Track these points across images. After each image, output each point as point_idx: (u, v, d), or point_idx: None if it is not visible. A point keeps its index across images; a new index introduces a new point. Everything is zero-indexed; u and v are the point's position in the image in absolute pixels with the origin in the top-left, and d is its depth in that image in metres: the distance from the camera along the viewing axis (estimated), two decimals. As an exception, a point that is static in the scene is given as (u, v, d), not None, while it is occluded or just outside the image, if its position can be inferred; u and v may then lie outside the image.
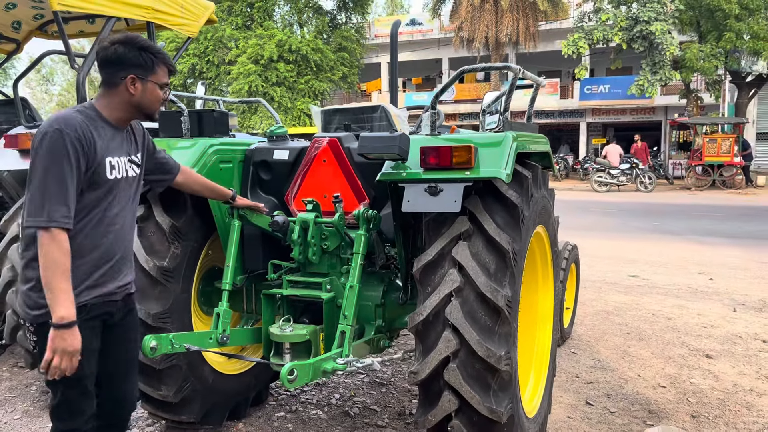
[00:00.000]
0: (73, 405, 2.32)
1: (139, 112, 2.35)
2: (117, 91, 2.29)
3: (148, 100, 2.32)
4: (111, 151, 2.28)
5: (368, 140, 2.71)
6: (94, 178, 2.21)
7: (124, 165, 2.35)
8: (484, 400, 2.56)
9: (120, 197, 2.34)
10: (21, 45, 5.56)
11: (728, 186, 21.97)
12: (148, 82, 2.30)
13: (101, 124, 2.27)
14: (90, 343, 2.29)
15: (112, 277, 2.35)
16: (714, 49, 22.05)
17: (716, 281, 7.70)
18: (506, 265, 2.63)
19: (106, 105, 2.30)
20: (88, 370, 2.30)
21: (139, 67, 2.27)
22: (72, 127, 2.14)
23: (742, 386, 4.35)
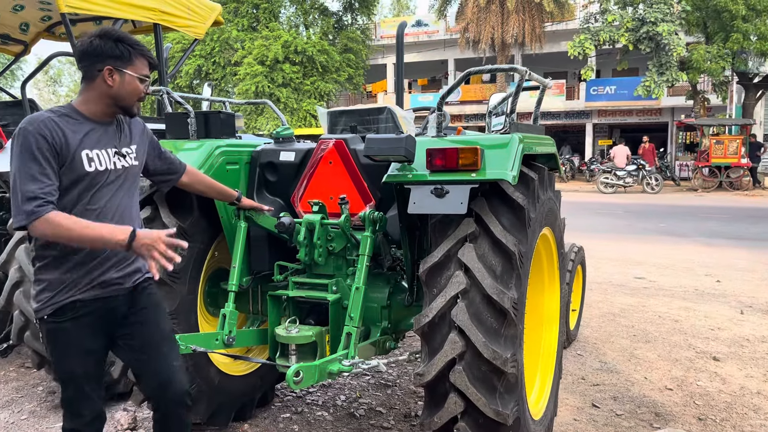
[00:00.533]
0: (71, 405, 2.35)
1: (116, 105, 2.33)
2: (95, 84, 2.28)
3: (126, 92, 2.30)
4: (87, 144, 2.25)
5: (374, 142, 2.71)
6: (70, 171, 2.20)
7: (107, 157, 2.31)
8: (490, 402, 2.55)
9: (106, 189, 2.31)
10: (29, 47, 5.59)
11: (735, 187, 21.88)
12: (126, 74, 2.28)
13: (76, 119, 2.26)
14: (82, 342, 2.29)
15: (106, 269, 2.33)
16: (721, 50, 21.97)
17: (723, 283, 7.67)
18: (512, 267, 2.63)
19: (84, 100, 2.30)
20: (80, 369, 2.31)
21: (115, 58, 2.26)
22: (36, 125, 2.14)
23: (750, 389, 4.33)
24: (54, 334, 2.29)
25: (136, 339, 2.43)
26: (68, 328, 2.26)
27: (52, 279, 2.25)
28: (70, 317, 2.26)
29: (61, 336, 2.28)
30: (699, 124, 23.34)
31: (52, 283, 2.25)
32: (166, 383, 2.43)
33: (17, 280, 3.69)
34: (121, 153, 2.39)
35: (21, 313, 3.69)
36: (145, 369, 2.46)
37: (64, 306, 2.25)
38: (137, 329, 2.43)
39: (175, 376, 2.45)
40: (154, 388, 2.46)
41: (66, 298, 2.25)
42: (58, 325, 2.27)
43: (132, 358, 2.46)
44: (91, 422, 2.38)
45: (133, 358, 2.46)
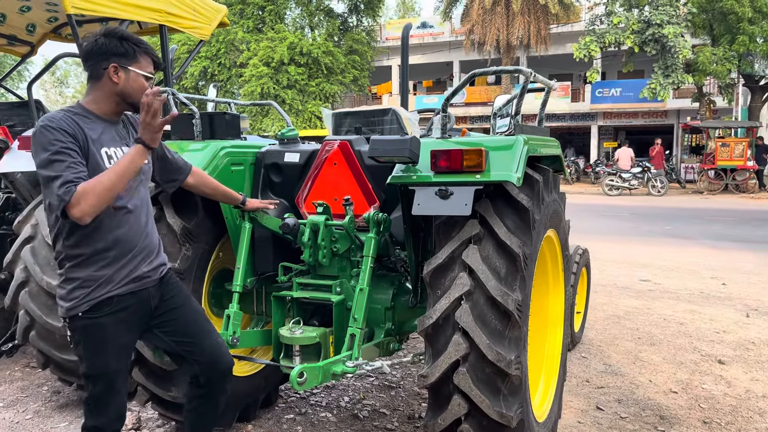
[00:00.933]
0: (99, 401, 2.36)
1: (124, 102, 2.35)
2: (101, 83, 2.31)
3: (132, 88, 2.32)
4: (104, 142, 2.29)
5: (379, 143, 2.71)
6: (92, 170, 2.21)
7: (122, 155, 2.33)
8: (494, 404, 2.55)
9: (130, 185, 2.35)
10: (35, 48, 5.61)
11: (741, 190, 21.81)
12: (131, 71, 2.31)
13: (90, 118, 2.29)
14: (118, 337, 2.33)
15: (137, 263, 2.39)
16: (727, 52, 21.91)
17: (729, 286, 7.64)
18: (517, 269, 2.62)
19: (92, 99, 2.33)
20: (115, 365, 2.34)
21: (120, 55, 2.29)
22: (56, 121, 2.17)
23: (755, 392, 4.31)
24: (89, 330, 2.31)
25: (173, 325, 2.52)
26: (105, 323, 2.29)
27: (86, 276, 2.28)
28: (107, 312, 2.29)
29: (98, 332, 2.31)
30: (705, 126, 23.27)
31: (87, 280, 2.28)
32: (218, 358, 2.58)
33: (23, 280, 3.69)
34: None
35: (26, 312, 3.70)
36: (192, 349, 2.54)
37: (101, 302, 2.29)
38: (172, 315, 2.52)
39: (223, 350, 2.63)
40: (205, 364, 2.56)
41: (103, 294, 2.29)
42: (94, 321, 2.30)
43: (172, 342, 2.52)
44: (115, 420, 2.41)
45: (174, 343, 2.52)
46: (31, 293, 3.68)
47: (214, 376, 2.59)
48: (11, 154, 3.87)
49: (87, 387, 2.37)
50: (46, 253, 3.68)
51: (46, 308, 3.67)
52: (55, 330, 3.67)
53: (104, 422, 2.38)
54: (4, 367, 4.83)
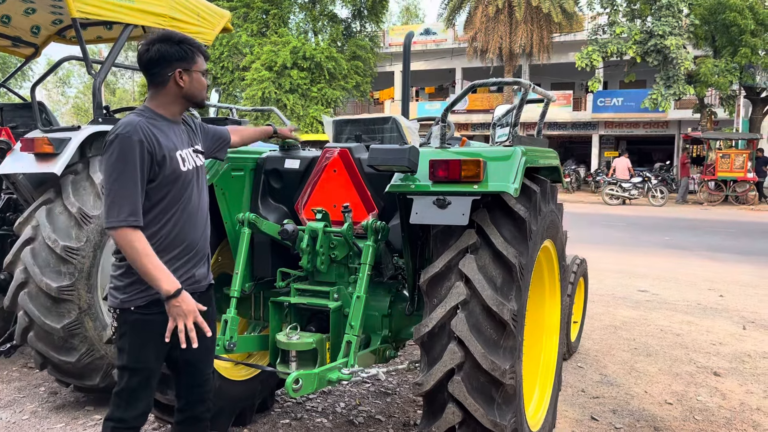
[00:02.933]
0: (130, 395, 2.40)
1: (189, 102, 2.48)
2: (167, 88, 2.41)
3: (196, 88, 2.45)
4: (177, 145, 2.41)
5: (378, 152, 2.74)
6: (169, 173, 2.34)
7: (191, 156, 2.47)
8: (488, 413, 2.57)
9: (195, 186, 2.48)
10: (39, 49, 5.64)
11: (741, 202, 21.83)
12: (193, 72, 2.42)
13: (161, 122, 2.40)
14: (163, 336, 2.34)
15: (195, 264, 2.48)
16: (729, 64, 21.96)
17: (726, 298, 7.66)
18: (513, 278, 2.64)
19: (161, 103, 2.43)
20: (154, 362, 2.41)
21: (182, 60, 2.39)
22: (135, 131, 2.26)
23: (749, 405, 4.32)
24: (139, 325, 2.37)
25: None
26: (155, 320, 2.33)
27: None
28: (159, 311, 2.33)
29: (147, 327, 2.36)
30: (705, 137, 23.32)
31: None
32: (203, 386, 2.63)
33: (22, 281, 3.71)
34: (197, 150, 2.54)
35: (25, 313, 3.71)
36: (190, 370, 2.58)
37: (155, 300, 2.33)
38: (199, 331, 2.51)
39: (210, 382, 2.69)
40: (191, 388, 2.60)
41: (157, 292, 2.31)
42: (146, 317, 2.36)
43: (181, 356, 2.51)
44: (141, 415, 2.46)
45: (183, 357, 2.52)
46: (31, 294, 3.70)
47: (195, 403, 2.63)
48: (13, 155, 3.89)
49: (122, 379, 2.41)
50: (46, 255, 3.70)
51: (45, 309, 3.69)
52: (54, 331, 3.70)
53: (132, 415, 2.43)
54: (1, 367, 4.84)
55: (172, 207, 2.38)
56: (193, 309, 2.27)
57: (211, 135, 2.81)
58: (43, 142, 3.70)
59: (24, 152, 3.78)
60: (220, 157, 2.96)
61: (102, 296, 3.85)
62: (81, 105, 55.21)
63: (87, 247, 3.76)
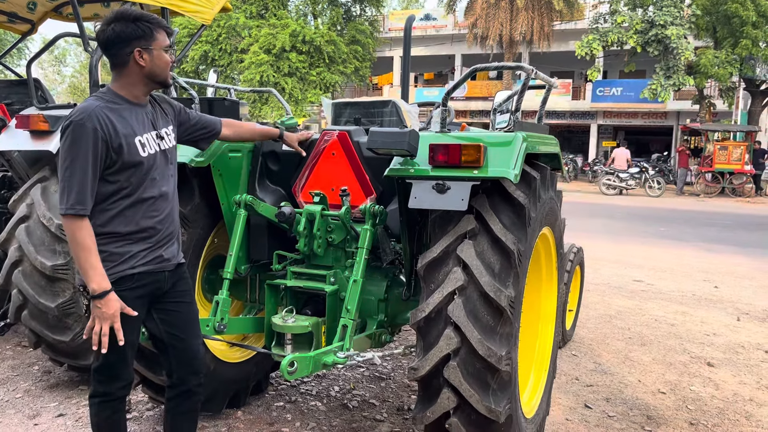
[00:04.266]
0: (111, 369, 2.43)
1: (152, 82, 2.41)
2: (128, 69, 2.35)
3: (158, 66, 2.38)
4: (137, 130, 2.35)
5: (378, 135, 2.71)
6: (127, 159, 2.30)
7: (153, 141, 2.42)
8: (483, 398, 2.56)
9: (158, 172, 2.43)
10: (35, 26, 5.57)
11: (738, 194, 21.87)
12: (153, 50, 2.35)
13: (123, 105, 2.35)
14: (133, 310, 2.36)
15: (162, 246, 2.47)
16: (729, 55, 21.91)
17: (721, 289, 7.68)
18: (511, 265, 2.63)
19: (122, 85, 2.37)
20: (129, 336, 2.40)
21: (140, 38, 2.32)
22: (89, 117, 2.21)
23: (742, 396, 4.34)
24: None
25: (172, 315, 2.59)
26: (126, 297, 2.34)
27: (111, 251, 2.34)
28: (128, 287, 2.36)
29: None
30: (704, 129, 23.30)
31: (113, 254, 2.34)
32: (194, 359, 2.64)
33: (16, 259, 3.69)
34: (161, 135, 2.48)
35: (19, 292, 3.69)
36: (178, 344, 2.60)
37: (123, 277, 2.35)
38: (175, 307, 2.59)
39: (200, 354, 2.71)
40: (183, 362, 2.62)
41: (125, 270, 2.36)
42: (117, 293, 2.33)
43: (164, 330, 2.58)
44: (124, 386, 2.50)
45: (166, 331, 2.58)
46: (25, 273, 3.68)
47: (187, 376, 2.65)
48: (8, 132, 3.85)
49: (99, 356, 2.41)
50: (41, 233, 3.67)
51: (39, 288, 3.66)
52: (48, 310, 3.68)
53: (115, 387, 2.47)
54: (-5, 345, 4.83)
55: (133, 193, 2.35)
56: (113, 314, 2.26)
57: (195, 122, 2.75)
58: (38, 119, 3.66)
59: (19, 129, 3.75)
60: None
61: None
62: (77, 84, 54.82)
63: (82, 227, 3.72)
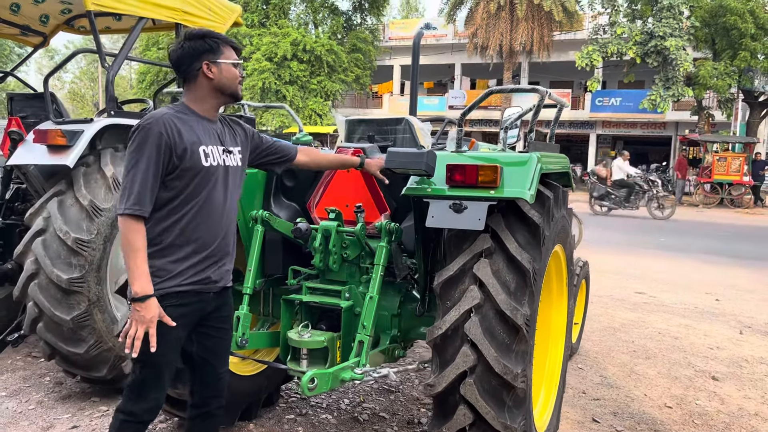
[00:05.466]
0: (142, 387, 2.43)
1: (222, 95, 2.50)
2: (198, 83, 2.46)
3: (227, 79, 2.47)
4: (203, 140, 2.42)
5: (396, 155, 2.76)
6: (189, 166, 2.36)
7: (218, 153, 2.47)
8: (499, 415, 2.61)
9: (219, 185, 2.47)
10: (48, 38, 5.63)
11: (736, 205, 21.96)
12: (221, 64, 2.45)
13: (192, 117, 2.44)
14: (178, 329, 2.38)
15: (211, 265, 2.48)
16: (728, 67, 22.06)
17: (722, 302, 7.73)
18: (526, 284, 2.68)
19: (193, 98, 2.48)
20: (170, 355, 2.43)
21: (207, 52, 2.43)
22: (157, 122, 2.31)
23: (748, 410, 4.38)
24: None
25: (210, 339, 2.60)
26: (170, 314, 2.35)
27: (159, 266, 2.36)
28: (173, 304, 2.37)
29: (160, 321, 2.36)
30: (703, 140, 23.43)
31: (160, 269, 2.36)
32: (218, 382, 2.67)
33: (33, 271, 3.72)
34: (228, 150, 2.54)
35: (35, 304, 3.73)
36: (206, 368, 2.63)
37: (169, 293, 2.37)
38: (216, 332, 2.62)
39: (225, 379, 2.72)
40: (206, 384, 2.64)
41: (171, 287, 2.38)
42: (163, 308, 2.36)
43: (197, 353, 2.59)
44: (151, 409, 2.49)
45: (198, 354, 2.59)
46: (41, 285, 3.72)
47: (209, 399, 2.67)
48: (26, 146, 3.90)
49: (134, 371, 2.43)
50: (57, 246, 3.71)
51: (55, 301, 3.70)
52: (63, 323, 3.71)
53: (142, 409, 2.45)
54: (5, 356, 4.85)
55: (189, 201, 2.39)
56: (151, 318, 2.27)
57: (267, 146, 2.81)
58: (56, 134, 3.70)
59: (37, 143, 3.79)
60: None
61: (113, 290, 3.87)
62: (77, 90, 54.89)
63: (98, 240, 3.77)
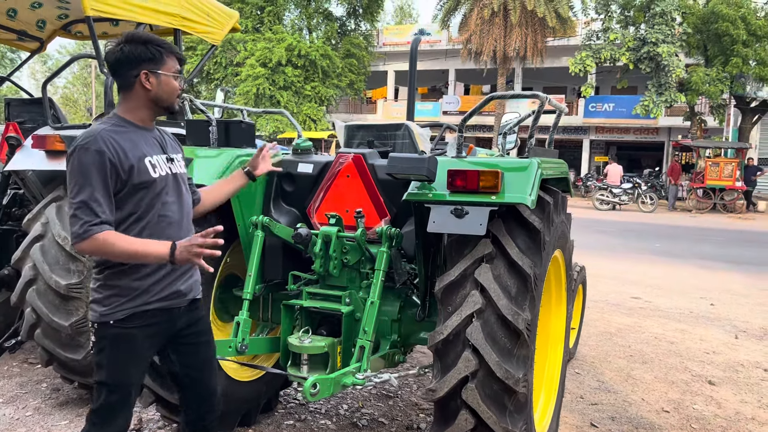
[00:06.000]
0: (110, 412, 2.32)
1: (158, 107, 2.36)
2: (134, 91, 2.31)
3: (165, 92, 2.32)
4: (146, 152, 2.30)
5: (398, 161, 2.77)
6: (138, 182, 2.24)
7: (163, 162, 2.36)
8: (501, 420, 2.61)
9: (172, 194, 2.37)
10: (45, 44, 5.62)
11: (729, 210, 22.09)
12: (161, 75, 2.30)
13: (130, 129, 2.29)
14: (143, 349, 2.33)
15: (179, 277, 2.39)
16: (720, 73, 22.22)
17: (718, 307, 7.76)
18: (527, 288, 2.69)
19: (129, 108, 2.33)
20: (135, 377, 2.35)
21: (148, 61, 2.27)
22: (94, 141, 2.17)
23: (744, 414, 4.40)
24: (119, 340, 2.29)
25: (189, 355, 2.51)
26: (136, 335, 2.28)
27: (123, 285, 2.27)
28: (139, 325, 2.29)
29: (127, 342, 2.29)
30: (695, 145, 23.57)
31: (124, 289, 2.27)
32: (211, 396, 2.61)
33: (31, 277, 3.71)
34: (171, 158, 2.43)
35: (33, 310, 3.71)
36: (194, 383, 2.55)
37: (135, 314, 2.28)
38: (192, 348, 2.52)
39: (217, 391, 2.66)
40: (199, 399, 2.58)
41: (138, 306, 2.29)
42: (126, 331, 2.27)
43: (181, 368, 2.51)
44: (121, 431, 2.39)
45: (183, 371, 2.52)
46: (39, 291, 3.70)
47: (204, 414, 2.61)
48: (24, 151, 3.89)
49: (100, 396, 2.31)
50: (55, 252, 3.70)
51: (53, 307, 3.69)
52: (61, 329, 3.70)
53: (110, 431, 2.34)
54: (2, 362, 4.82)
55: (145, 216, 2.28)
56: (193, 243, 2.17)
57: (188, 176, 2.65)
58: (55, 139, 3.70)
59: (35, 149, 3.78)
60: None
61: None
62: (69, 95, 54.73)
63: (96, 246, 3.75)
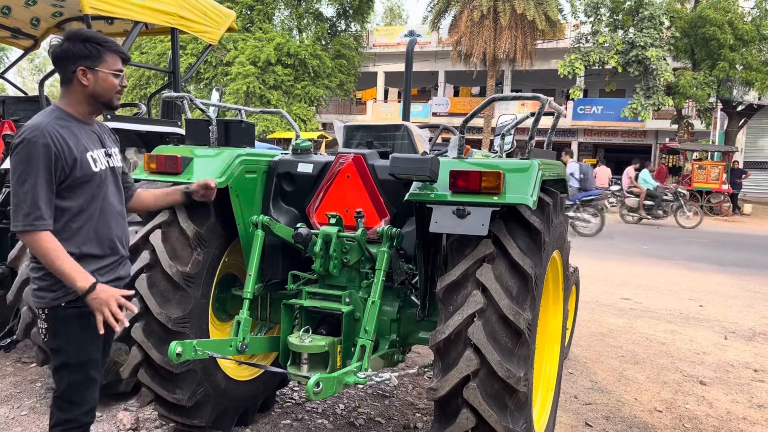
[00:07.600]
0: (76, 393, 2.39)
1: (97, 102, 2.42)
2: (72, 86, 2.37)
3: (102, 88, 2.38)
4: (87, 146, 2.38)
5: (400, 161, 2.79)
6: (80, 175, 2.32)
7: (102, 157, 2.44)
8: (501, 419, 2.64)
9: (111, 187, 2.47)
10: (38, 42, 5.60)
11: (715, 212, 22.28)
12: (98, 72, 2.35)
13: (73, 123, 2.37)
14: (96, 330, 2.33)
15: (120, 263, 2.52)
16: (707, 77, 22.45)
17: (707, 308, 7.85)
18: (528, 288, 2.71)
19: (69, 102, 2.40)
20: (94, 354, 2.42)
21: (85, 58, 2.34)
22: (41, 134, 2.23)
23: (736, 414, 4.46)
24: (72, 320, 2.36)
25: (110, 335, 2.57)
26: (88, 313, 2.31)
27: None
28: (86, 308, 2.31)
29: (81, 321, 2.35)
30: (682, 148, 23.77)
31: None
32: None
33: (27, 276, 3.69)
34: (108, 153, 2.51)
35: (29, 309, 3.70)
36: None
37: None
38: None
39: None
40: None
41: None
42: (79, 310, 2.33)
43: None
44: (88, 412, 2.44)
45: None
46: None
47: None
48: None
49: (62, 379, 2.38)
50: (52, 251, 3.68)
51: (50, 306, 3.67)
52: (58, 328, 3.68)
53: (77, 414, 2.40)
54: (-6, 361, 4.80)
55: (88, 207, 2.36)
56: (113, 294, 2.27)
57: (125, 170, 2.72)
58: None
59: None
60: None
61: None
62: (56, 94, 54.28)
63: (93, 244, 3.74)
